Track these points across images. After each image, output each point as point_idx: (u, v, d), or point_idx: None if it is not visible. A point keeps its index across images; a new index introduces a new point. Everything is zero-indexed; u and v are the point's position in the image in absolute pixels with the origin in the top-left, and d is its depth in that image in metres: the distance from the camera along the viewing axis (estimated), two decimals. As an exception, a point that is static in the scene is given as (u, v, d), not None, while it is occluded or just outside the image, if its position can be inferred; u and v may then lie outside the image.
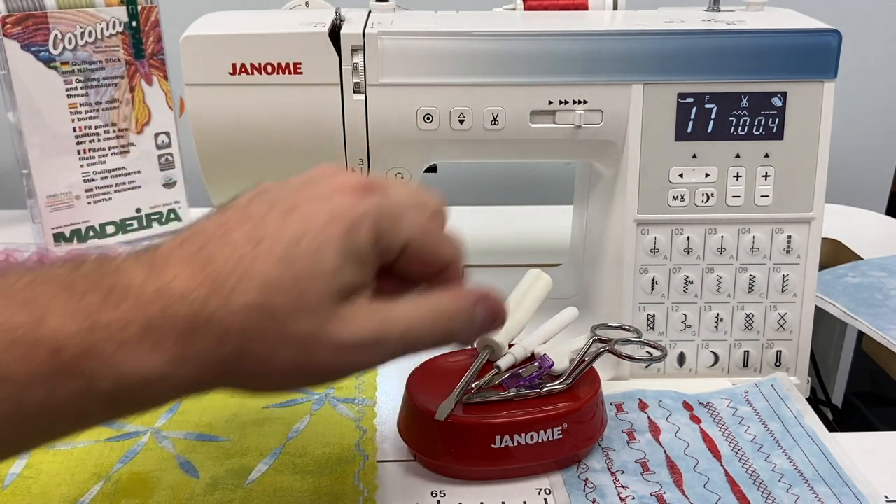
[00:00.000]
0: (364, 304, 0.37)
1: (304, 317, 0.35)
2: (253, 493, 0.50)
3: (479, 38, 0.57)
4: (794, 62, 0.58)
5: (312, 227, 0.36)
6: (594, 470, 0.52)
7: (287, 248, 0.35)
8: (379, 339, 0.37)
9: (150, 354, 0.34)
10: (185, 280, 0.34)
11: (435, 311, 0.39)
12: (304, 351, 0.35)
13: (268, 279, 0.35)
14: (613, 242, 0.63)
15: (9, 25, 0.78)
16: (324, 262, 0.35)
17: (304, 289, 0.35)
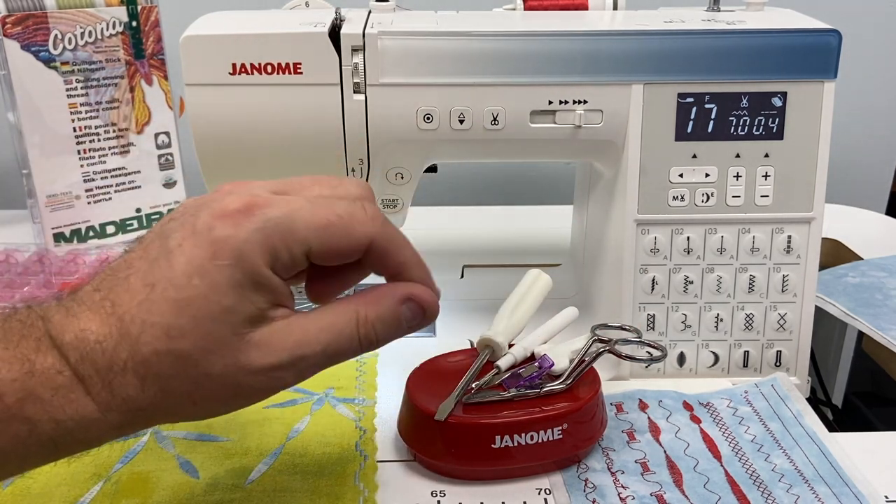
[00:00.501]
0: (279, 325, 0.37)
1: (215, 355, 0.36)
2: (253, 493, 0.50)
3: (479, 38, 0.57)
4: (794, 62, 0.58)
5: (198, 266, 0.35)
6: (594, 470, 0.52)
7: (178, 291, 0.35)
8: (299, 359, 0.37)
9: (85, 398, 0.35)
10: (97, 326, 0.35)
11: (353, 323, 0.39)
12: (226, 384, 0.36)
13: (168, 326, 0.35)
14: (613, 242, 0.63)
15: (9, 25, 0.78)
16: (219, 301, 0.35)
17: (207, 331, 0.35)
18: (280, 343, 0.37)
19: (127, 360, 0.35)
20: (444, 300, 0.74)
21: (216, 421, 0.56)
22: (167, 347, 0.35)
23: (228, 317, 0.36)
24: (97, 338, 0.35)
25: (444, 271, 0.80)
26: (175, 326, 0.35)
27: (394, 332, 0.40)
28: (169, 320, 0.35)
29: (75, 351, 0.35)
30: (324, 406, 0.58)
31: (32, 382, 0.34)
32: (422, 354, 0.57)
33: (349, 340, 0.39)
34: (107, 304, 0.36)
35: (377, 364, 0.64)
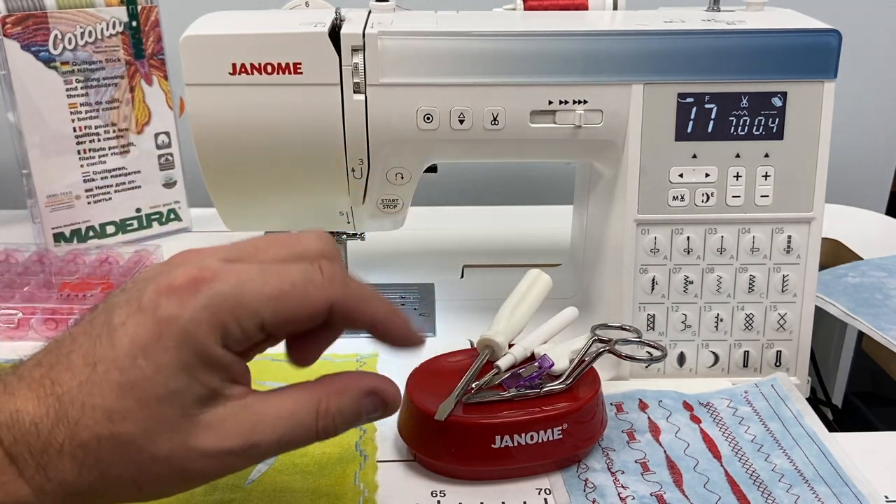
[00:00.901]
0: (233, 406, 0.35)
1: (163, 438, 0.34)
2: (253, 493, 0.50)
3: (479, 38, 0.57)
4: (794, 62, 0.58)
5: (143, 347, 0.34)
6: (594, 470, 0.52)
7: (123, 373, 0.33)
8: (252, 446, 0.35)
9: (17, 481, 0.33)
10: (33, 407, 0.34)
11: (313, 413, 0.37)
12: (173, 468, 0.34)
13: (110, 409, 0.33)
14: (613, 242, 0.63)
15: (9, 25, 0.78)
16: (166, 383, 0.33)
17: (154, 413, 0.33)
18: (233, 427, 0.35)
19: (64, 442, 0.33)
20: (444, 300, 0.75)
21: (216, 421, 0.56)
22: (109, 431, 0.33)
23: (177, 398, 0.34)
24: (32, 419, 0.33)
25: (444, 271, 0.80)
26: (117, 410, 0.33)
27: (352, 423, 0.39)
28: (111, 403, 0.33)
29: (9, 432, 0.33)
30: (324, 406, 0.58)
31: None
32: (422, 354, 0.57)
33: (306, 431, 0.37)
34: (46, 383, 0.34)
35: (377, 364, 0.64)
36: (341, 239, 0.69)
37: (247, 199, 0.62)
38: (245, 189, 0.62)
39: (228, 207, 0.63)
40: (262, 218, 0.65)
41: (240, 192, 0.62)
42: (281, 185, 0.61)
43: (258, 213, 0.64)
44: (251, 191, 0.62)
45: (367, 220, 0.65)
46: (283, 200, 0.63)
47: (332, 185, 0.61)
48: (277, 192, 0.62)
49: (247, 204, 0.63)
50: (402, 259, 0.83)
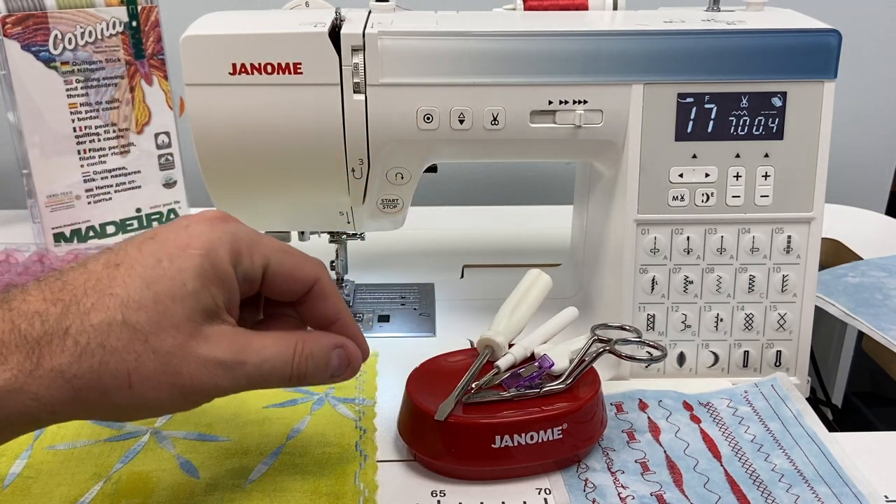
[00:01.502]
0: (227, 328, 0.39)
1: (168, 333, 0.37)
2: (253, 493, 0.50)
3: (479, 38, 0.57)
4: (793, 62, 0.58)
5: (170, 252, 0.38)
6: (594, 470, 0.52)
7: (146, 270, 0.37)
8: (238, 363, 0.38)
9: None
10: (38, 303, 0.36)
11: (291, 349, 0.41)
12: (168, 365, 0.37)
13: (127, 298, 0.36)
14: (613, 242, 0.63)
15: (9, 25, 0.78)
16: (184, 284, 0.37)
17: (166, 308, 0.37)
18: (226, 343, 0.38)
19: (70, 327, 0.35)
20: (444, 300, 0.75)
21: (216, 421, 0.56)
22: (122, 317, 0.36)
23: (188, 300, 0.37)
24: (35, 311, 0.36)
25: (444, 271, 0.80)
26: (134, 299, 0.36)
27: (320, 373, 0.43)
28: (129, 293, 0.36)
29: (6, 321, 0.35)
30: (324, 406, 0.58)
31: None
32: (422, 354, 0.57)
33: (283, 365, 0.40)
34: (55, 286, 0.37)
35: (377, 364, 0.64)
36: (341, 239, 0.69)
37: (247, 199, 0.62)
38: (245, 189, 0.62)
39: (228, 207, 0.63)
40: (263, 218, 0.65)
41: (240, 192, 0.62)
42: (281, 185, 0.61)
43: (258, 212, 0.64)
44: (251, 191, 0.62)
45: (367, 220, 0.65)
46: (282, 200, 0.63)
47: (332, 185, 0.61)
48: (277, 192, 0.62)
49: (247, 204, 0.63)
50: (402, 259, 0.83)
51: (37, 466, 0.52)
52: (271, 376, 0.40)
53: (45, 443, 0.54)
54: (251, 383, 0.40)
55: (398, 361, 0.64)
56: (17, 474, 0.51)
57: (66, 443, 0.54)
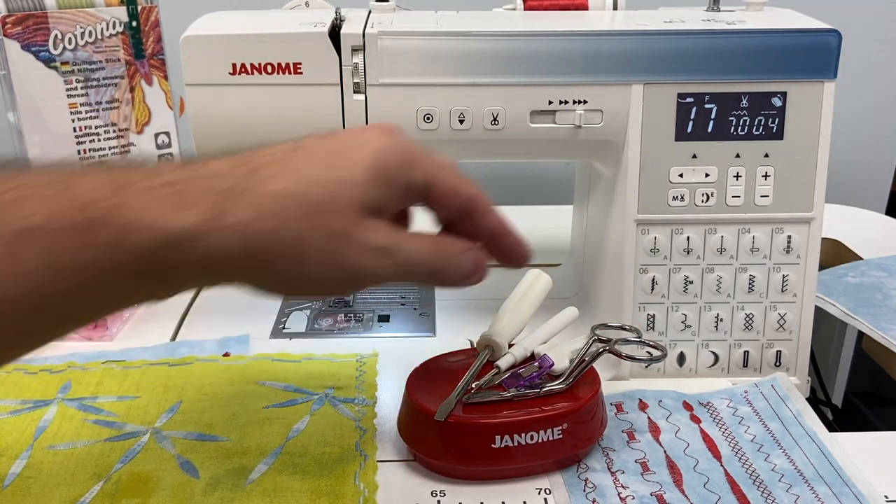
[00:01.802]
0: (386, 224, 0.41)
1: (336, 214, 0.38)
2: (253, 493, 0.50)
3: (479, 38, 0.57)
4: (793, 62, 0.58)
5: (348, 146, 0.40)
6: (594, 470, 0.52)
7: (326, 155, 0.39)
8: (394, 250, 0.40)
9: (183, 211, 0.35)
10: (221, 165, 0.38)
11: (437, 245, 0.43)
12: (333, 243, 0.38)
13: (307, 174, 0.38)
14: (613, 242, 0.63)
15: (9, 25, 0.78)
16: (357, 175, 0.39)
17: (339, 191, 0.38)
18: (386, 233, 0.40)
19: (251, 189, 0.37)
20: (444, 300, 0.75)
21: (216, 421, 0.56)
22: (297, 189, 0.37)
23: (359, 190, 0.39)
24: (218, 170, 0.37)
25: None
26: (314, 176, 0.38)
27: (454, 272, 0.44)
28: (309, 172, 0.38)
29: (184, 176, 0.36)
30: (324, 406, 0.58)
31: (124, 194, 0.35)
32: (422, 354, 0.57)
33: (428, 258, 0.42)
34: (238, 157, 0.39)
35: (377, 364, 0.64)
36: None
37: (247, 199, 0.62)
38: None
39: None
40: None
41: (240, 192, 0.62)
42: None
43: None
44: (251, 191, 0.62)
45: (367, 220, 0.65)
46: (283, 200, 0.63)
47: (332, 185, 0.61)
48: (277, 192, 0.62)
49: (247, 204, 0.63)
50: (402, 259, 0.83)
51: (37, 466, 0.52)
52: (418, 268, 0.42)
53: (45, 443, 0.54)
54: (400, 271, 0.41)
55: (398, 361, 0.64)
56: (17, 474, 0.51)
57: (66, 443, 0.54)
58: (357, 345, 0.67)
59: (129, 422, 0.56)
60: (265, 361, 0.64)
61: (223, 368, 0.63)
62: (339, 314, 0.72)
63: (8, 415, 0.57)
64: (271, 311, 0.73)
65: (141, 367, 0.63)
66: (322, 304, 0.74)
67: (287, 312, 0.73)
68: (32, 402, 0.58)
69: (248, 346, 0.66)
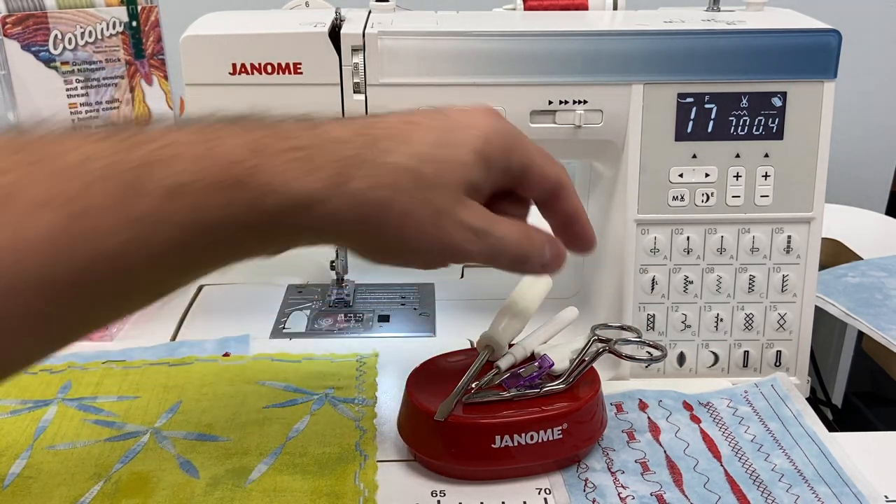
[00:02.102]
0: (479, 206, 0.42)
1: (442, 191, 0.40)
2: (253, 493, 0.50)
3: (479, 38, 0.57)
4: (793, 62, 0.58)
5: (459, 126, 0.42)
6: (594, 470, 0.52)
7: (439, 135, 0.41)
8: (487, 232, 0.42)
9: (311, 176, 0.37)
10: (341, 131, 0.39)
11: (524, 233, 0.44)
12: (435, 218, 0.40)
13: (421, 151, 0.40)
14: (613, 242, 0.63)
15: (9, 25, 0.78)
16: (464, 155, 0.41)
17: (448, 170, 0.40)
18: (479, 214, 0.42)
19: (364, 161, 0.38)
20: (444, 300, 0.75)
21: (216, 421, 0.56)
22: (411, 164, 0.39)
23: (463, 170, 0.41)
24: (339, 136, 0.39)
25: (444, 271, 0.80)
26: (426, 153, 0.40)
27: (538, 257, 0.45)
28: (422, 148, 0.40)
29: (312, 141, 0.38)
30: (324, 406, 0.58)
31: (264, 157, 0.37)
32: (422, 354, 0.57)
33: (516, 244, 0.43)
34: (356, 124, 0.40)
35: (377, 364, 0.64)
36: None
37: (247, 199, 0.62)
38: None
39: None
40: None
41: (240, 192, 0.62)
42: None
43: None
44: (251, 191, 0.62)
45: (367, 220, 0.65)
46: (283, 200, 0.63)
47: (332, 185, 0.61)
48: (277, 192, 0.62)
49: (247, 204, 0.63)
50: (402, 259, 0.83)
51: (37, 466, 0.52)
52: (504, 252, 0.43)
53: (45, 443, 0.54)
54: (489, 253, 0.43)
55: (398, 361, 0.64)
56: (17, 474, 0.51)
57: (66, 443, 0.54)
58: (357, 345, 0.67)
59: (129, 422, 0.56)
60: (265, 361, 0.64)
61: (223, 368, 0.63)
62: (339, 314, 0.72)
63: (8, 415, 0.57)
64: (271, 311, 0.73)
65: (141, 367, 0.63)
66: (322, 303, 0.74)
67: (287, 312, 0.73)
68: (32, 401, 0.58)
69: (248, 346, 0.66)
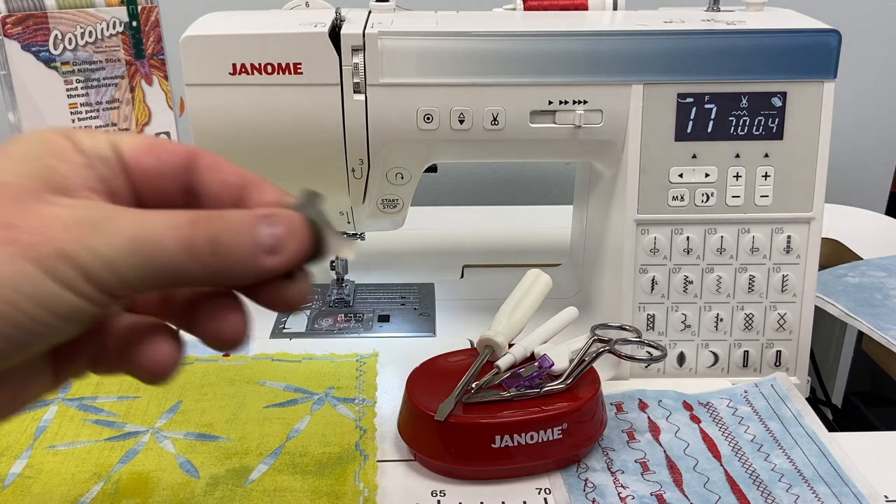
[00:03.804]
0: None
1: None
2: (253, 493, 0.50)
3: (479, 38, 0.57)
4: (793, 62, 0.58)
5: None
6: (594, 470, 0.52)
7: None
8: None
9: None
10: None
11: (185, 217, 0.29)
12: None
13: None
14: (613, 242, 0.63)
15: (9, 25, 0.78)
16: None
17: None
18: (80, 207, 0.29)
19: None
20: (444, 300, 0.75)
21: (216, 421, 0.56)
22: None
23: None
24: None
25: (444, 271, 0.80)
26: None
27: (241, 250, 0.30)
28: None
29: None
30: (324, 406, 0.58)
31: None
32: (422, 354, 0.57)
33: (174, 234, 0.29)
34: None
35: (377, 364, 0.64)
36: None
37: (247, 199, 0.62)
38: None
39: (228, 207, 0.63)
40: (262, 218, 0.65)
41: (240, 192, 0.62)
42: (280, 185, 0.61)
43: (258, 213, 0.64)
44: (251, 191, 0.62)
45: (366, 220, 0.65)
46: (283, 200, 0.63)
47: (332, 185, 0.61)
48: (277, 192, 0.62)
49: (247, 204, 0.63)
50: (402, 259, 0.83)
51: (37, 466, 0.52)
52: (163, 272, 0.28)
53: (45, 443, 0.54)
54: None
55: (398, 361, 0.64)
56: (17, 474, 0.51)
57: (66, 443, 0.54)
58: (357, 345, 0.67)
59: (129, 422, 0.56)
60: (265, 361, 0.64)
61: (223, 368, 0.63)
62: (339, 314, 0.72)
63: (8, 415, 0.57)
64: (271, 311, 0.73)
65: (141, 367, 0.63)
66: (322, 303, 0.74)
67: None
68: (32, 402, 0.58)
69: (248, 346, 0.66)
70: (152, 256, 0.28)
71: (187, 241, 0.29)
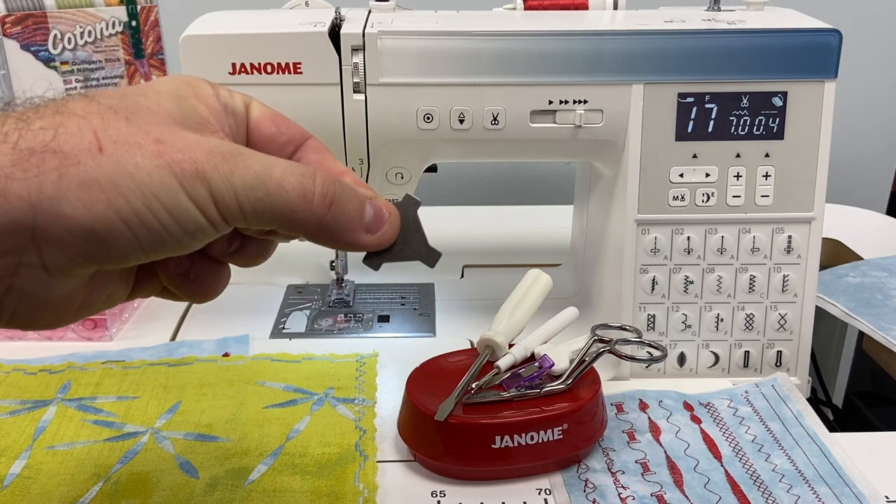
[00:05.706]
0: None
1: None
2: (253, 494, 0.50)
3: (479, 38, 0.57)
4: (794, 62, 0.58)
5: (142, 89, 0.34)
6: (594, 470, 0.52)
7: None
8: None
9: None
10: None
11: (310, 171, 0.34)
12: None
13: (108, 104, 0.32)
14: (613, 242, 0.63)
15: (8, 25, 0.78)
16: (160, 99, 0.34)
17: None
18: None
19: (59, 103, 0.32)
20: (444, 300, 0.75)
21: (216, 421, 0.56)
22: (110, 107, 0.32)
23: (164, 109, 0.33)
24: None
25: (444, 271, 0.80)
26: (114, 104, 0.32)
27: (351, 219, 0.35)
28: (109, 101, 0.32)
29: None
30: (324, 406, 0.58)
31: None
32: (422, 354, 0.57)
33: (302, 183, 0.33)
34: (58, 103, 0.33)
35: (377, 364, 0.64)
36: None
37: (247, 199, 0.62)
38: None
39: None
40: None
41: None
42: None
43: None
44: (251, 191, 0.62)
45: (367, 220, 0.65)
46: (282, 200, 0.63)
47: (332, 185, 0.61)
48: (277, 192, 0.62)
49: (247, 204, 0.63)
50: (402, 259, 0.83)
51: (37, 466, 0.52)
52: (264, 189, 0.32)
53: (44, 443, 0.54)
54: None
55: (398, 361, 0.64)
56: (17, 474, 0.51)
57: (65, 443, 0.54)
58: (357, 345, 0.67)
59: (129, 422, 0.56)
60: (265, 361, 0.64)
61: (223, 368, 0.62)
62: (338, 314, 0.72)
63: (7, 415, 0.57)
64: (271, 311, 0.73)
65: (140, 367, 0.63)
66: (322, 304, 0.74)
67: (287, 312, 0.73)
68: (32, 402, 0.58)
69: (248, 347, 0.66)
70: (273, 196, 0.32)
71: (307, 189, 0.33)
